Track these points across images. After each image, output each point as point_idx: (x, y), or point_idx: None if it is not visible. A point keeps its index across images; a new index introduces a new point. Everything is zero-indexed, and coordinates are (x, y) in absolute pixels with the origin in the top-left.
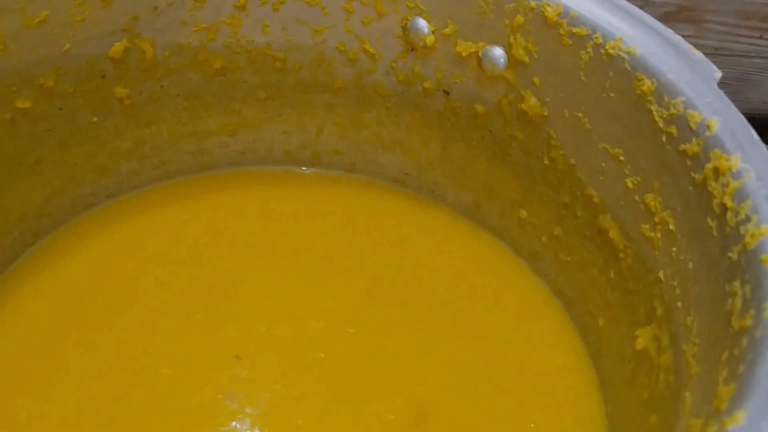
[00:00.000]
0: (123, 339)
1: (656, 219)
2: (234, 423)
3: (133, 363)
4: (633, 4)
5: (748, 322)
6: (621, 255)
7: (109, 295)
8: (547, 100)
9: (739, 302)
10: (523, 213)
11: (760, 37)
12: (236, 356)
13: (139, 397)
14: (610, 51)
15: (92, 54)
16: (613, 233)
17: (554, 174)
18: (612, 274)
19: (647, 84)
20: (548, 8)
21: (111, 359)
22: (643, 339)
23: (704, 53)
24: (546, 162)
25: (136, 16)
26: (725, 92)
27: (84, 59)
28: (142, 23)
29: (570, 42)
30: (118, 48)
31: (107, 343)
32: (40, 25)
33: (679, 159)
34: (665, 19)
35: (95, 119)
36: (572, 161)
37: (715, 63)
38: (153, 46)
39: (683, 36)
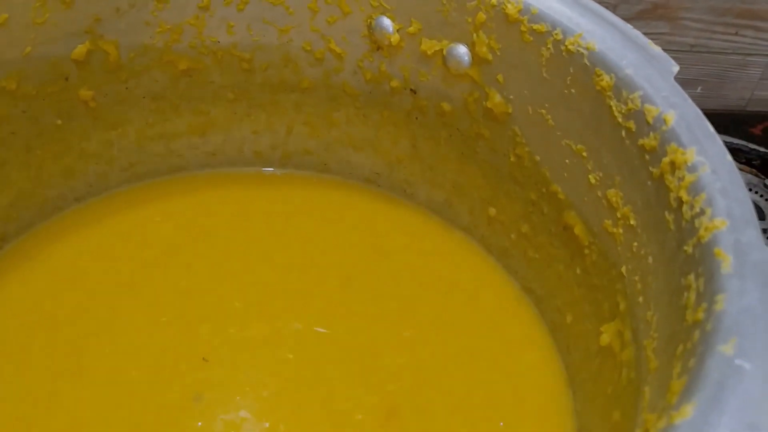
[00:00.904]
0: (90, 342)
1: (618, 214)
2: (200, 424)
3: (100, 365)
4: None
5: (701, 315)
6: (586, 251)
7: (77, 298)
8: (511, 97)
9: (693, 295)
10: (492, 211)
11: (736, 33)
12: (204, 358)
13: (105, 398)
14: (570, 47)
15: (55, 56)
16: (578, 229)
17: (520, 171)
18: (578, 270)
19: (606, 79)
20: (509, 5)
21: (78, 361)
22: (607, 335)
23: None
24: (512, 159)
25: (99, 17)
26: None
27: (46, 61)
28: (105, 25)
29: (531, 39)
30: (81, 50)
31: (75, 345)
32: (1, 28)
33: (638, 153)
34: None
35: (60, 122)
36: (537, 158)
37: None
38: (116, 47)
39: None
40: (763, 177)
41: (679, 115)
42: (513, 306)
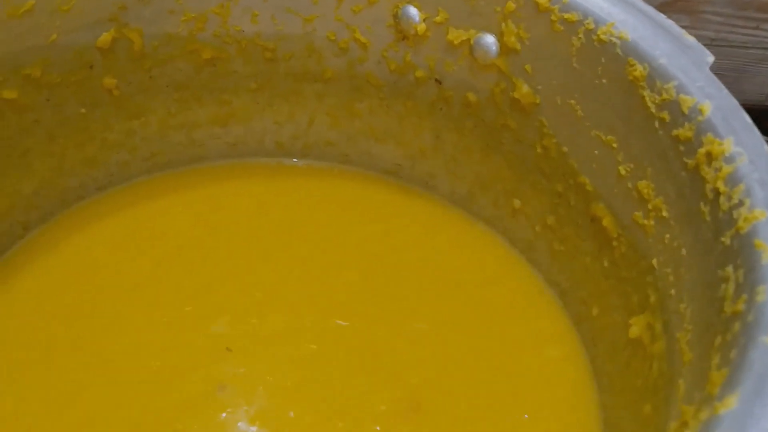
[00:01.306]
0: (113, 332)
1: (649, 206)
2: (224, 415)
3: (123, 356)
4: None
5: (741, 306)
6: (614, 243)
7: (99, 287)
8: (540, 87)
9: (732, 287)
10: (517, 203)
11: (757, 28)
12: (227, 348)
13: (129, 390)
14: (602, 36)
15: (79, 44)
16: (607, 221)
17: (547, 162)
18: (606, 263)
19: (639, 69)
20: None
21: (101, 352)
22: (636, 327)
23: (701, 44)
24: (539, 150)
25: (124, 5)
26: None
27: (71, 49)
28: (130, 13)
29: (562, 28)
30: (105, 38)
31: (97, 336)
32: (26, 15)
33: (672, 144)
34: (662, 9)
35: (83, 110)
36: (565, 149)
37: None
38: (141, 36)
39: (679, 27)
40: None
41: (716, 105)
42: (536, 299)
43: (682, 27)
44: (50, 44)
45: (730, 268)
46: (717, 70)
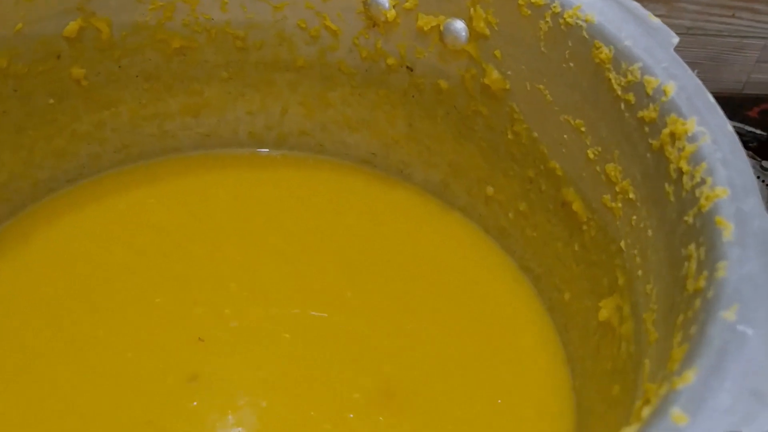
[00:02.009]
0: (85, 324)
1: (617, 188)
2: (195, 403)
3: (95, 348)
4: None
5: (702, 283)
6: (584, 227)
7: (70, 281)
8: (509, 73)
9: (694, 265)
10: (490, 190)
11: (732, 16)
12: (200, 339)
13: (101, 381)
14: (569, 20)
15: (46, 33)
16: (577, 205)
17: (518, 148)
18: (576, 247)
19: (605, 51)
20: None
21: (73, 344)
22: (606, 310)
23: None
24: (510, 136)
25: None
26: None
27: (38, 39)
28: (97, 1)
29: (529, 12)
30: (72, 27)
31: (69, 328)
32: None
33: (638, 126)
34: None
35: (52, 101)
36: (535, 134)
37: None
38: (109, 25)
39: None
40: (759, 159)
41: (679, 86)
42: (511, 285)
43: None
44: (15, 34)
45: (692, 246)
46: (694, 59)
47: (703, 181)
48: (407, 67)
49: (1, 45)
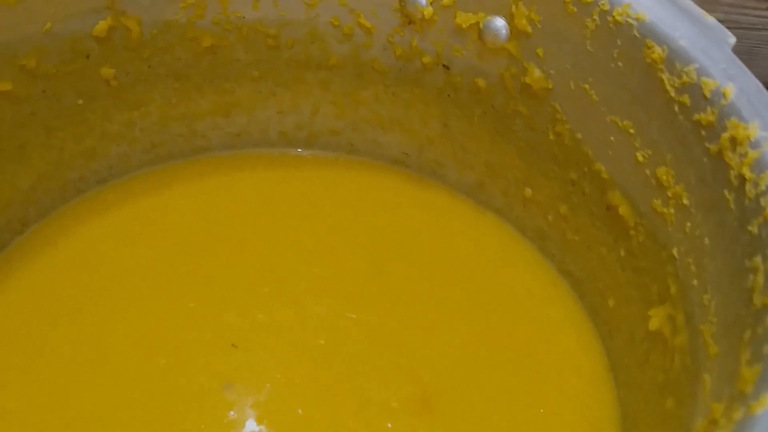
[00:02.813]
0: (115, 328)
1: (669, 193)
2: (231, 413)
3: (126, 352)
4: None
5: None
6: (632, 232)
7: (101, 283)
8: (552, 72)
9: (761, 278)
10: (528, 191)
11: (766, 9)
12: (233, 344)
13: (133, 386)
14: (618, 18)
15: (75, 33)
16: (623, 209)
17: (560, 150)
18: (622, 252)
19: (658, 51)
20: None
21: (103, 349)
22: (656, 319)
23: None
24: (551, 137)
25: None
26: None
27: (67, 38)
28: (127, 0)
29: (575, 9)
30: (102, 26)
31: (99, 332)
32: (20, 3)
33: (693, 129)
34: None
35: (81, 101)
36: (579, 136)
37: None
38: (139, 23)
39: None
40: None
41: (739, 88)
42: (549, 289)
43: None
44: (45, 33)
45: (758, 258)
46: None
47: None
48: (443, 65)
49: (30, 45)
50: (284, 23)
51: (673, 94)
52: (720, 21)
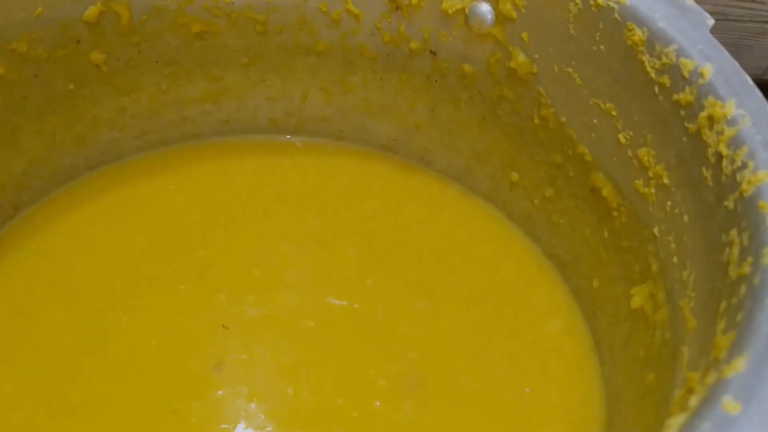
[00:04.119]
0: (108, 312)
1: (650, 173)
2: (222, 393)
3: (118, 336)
4: None
5: (746, 269)
6: (615, 213)
7: (91, 268)
8: (536, 56)
9: (736, 251)
10: (515, 175)
11: (754, 1)
12: (224, 326)
13: (126, 369)
14: (600, 1)
15: (66, 17)
16: (607, 191)
17: (545, 133)
18: (606, 234)
19: (638, 33)
20: None
21: (96, 332)
22: (638, 297)
23: None
24: (536, 121)
25: None
26: None
27: (58, 23)
28: None
29: None
30: (92, 11)
31: (92, 316)
32: None
33: (673, 109)
34: None
35: (72, 86)
36: (563, 119)
37: None
38: (129, 9)
39: None
40: None
41: (716, 68)
42: (536, 272)
43: None
44: (35, 18)
45: (734, 232)
46: None
47: (744, 165)
48: (430, 51)
49: (21, 29)
50: (273, 9)
51: (653, 75)
52: (708, 13)
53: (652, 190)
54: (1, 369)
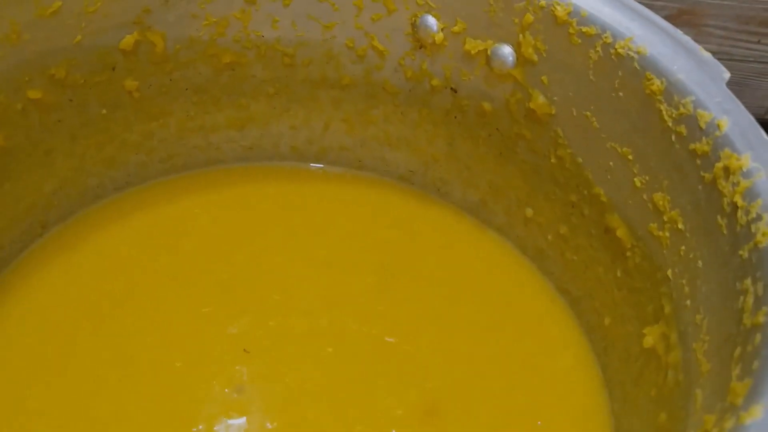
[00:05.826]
0: (130, 332)
1: (665, 218)
2: (242, 417)
3: (141, 356)
4: None
5: (761, 319)
6: (628, 254)
7: (116, 287)
8: (555, 98)
9: (750, 300)
10: (529, 211)
11: (758, 42)
12: (245, 350)
13: (147, 389)
14: (620, 50)
15: (103, 46)
16: (621, 232)
17: (561, 173)
18: (619, 273)
19: (657, 83)
20: (558, 7)
21: (119, 352)
22: (651, 337)
23: None
24: (553, 161)
25: (148, 8)
26: None
27: (95, 51)
28: (154, 16)
29: (579, 41)
30: (129, 40)
31: (115, 336)
32: (54, 15)
33: (689, 158)
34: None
35: (105, 111)
36: (580, 160)
37: None
38: (164, 39)
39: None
40: None
41: (733, 121)
42: (548, 307)
43: None
44: (75, 45)
45: (748, 281)
46: None
47: (759, 217)
48: (451, 88)
49: (61, 56)
50: (301, 43)
51: (670, 124)
52: (713, 53)
53: (667, 234)
54: (27, 383)
